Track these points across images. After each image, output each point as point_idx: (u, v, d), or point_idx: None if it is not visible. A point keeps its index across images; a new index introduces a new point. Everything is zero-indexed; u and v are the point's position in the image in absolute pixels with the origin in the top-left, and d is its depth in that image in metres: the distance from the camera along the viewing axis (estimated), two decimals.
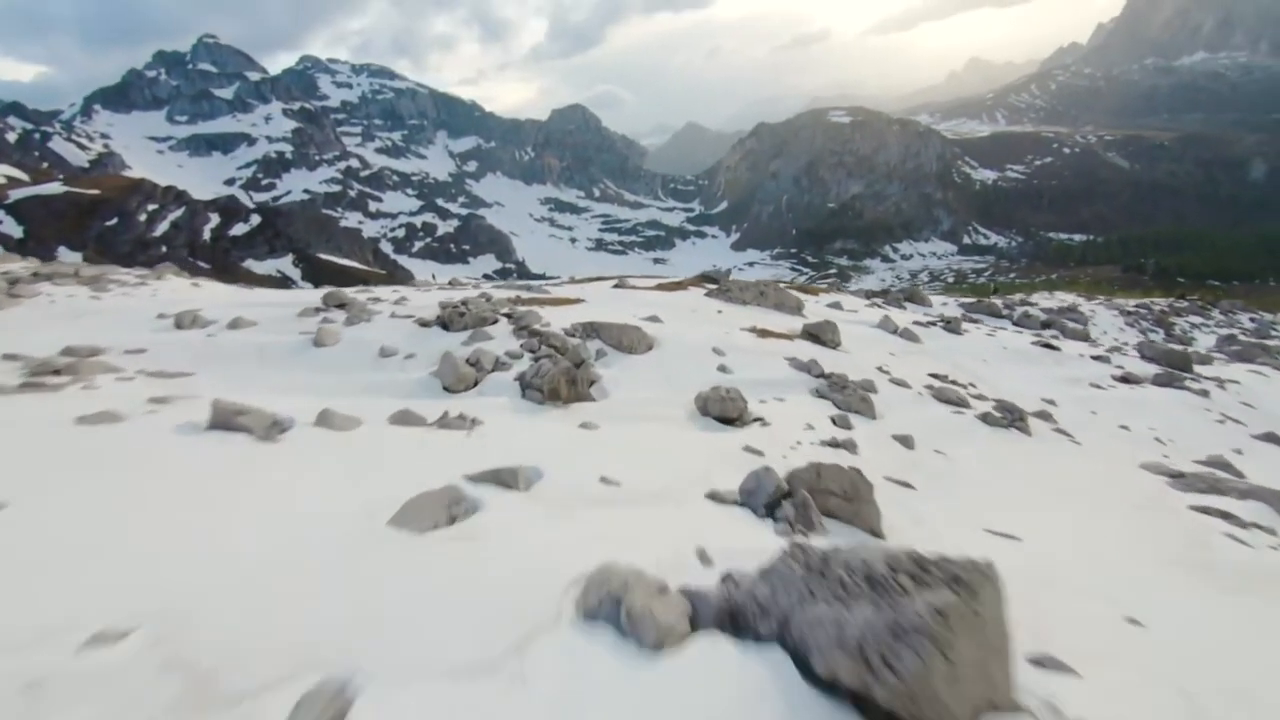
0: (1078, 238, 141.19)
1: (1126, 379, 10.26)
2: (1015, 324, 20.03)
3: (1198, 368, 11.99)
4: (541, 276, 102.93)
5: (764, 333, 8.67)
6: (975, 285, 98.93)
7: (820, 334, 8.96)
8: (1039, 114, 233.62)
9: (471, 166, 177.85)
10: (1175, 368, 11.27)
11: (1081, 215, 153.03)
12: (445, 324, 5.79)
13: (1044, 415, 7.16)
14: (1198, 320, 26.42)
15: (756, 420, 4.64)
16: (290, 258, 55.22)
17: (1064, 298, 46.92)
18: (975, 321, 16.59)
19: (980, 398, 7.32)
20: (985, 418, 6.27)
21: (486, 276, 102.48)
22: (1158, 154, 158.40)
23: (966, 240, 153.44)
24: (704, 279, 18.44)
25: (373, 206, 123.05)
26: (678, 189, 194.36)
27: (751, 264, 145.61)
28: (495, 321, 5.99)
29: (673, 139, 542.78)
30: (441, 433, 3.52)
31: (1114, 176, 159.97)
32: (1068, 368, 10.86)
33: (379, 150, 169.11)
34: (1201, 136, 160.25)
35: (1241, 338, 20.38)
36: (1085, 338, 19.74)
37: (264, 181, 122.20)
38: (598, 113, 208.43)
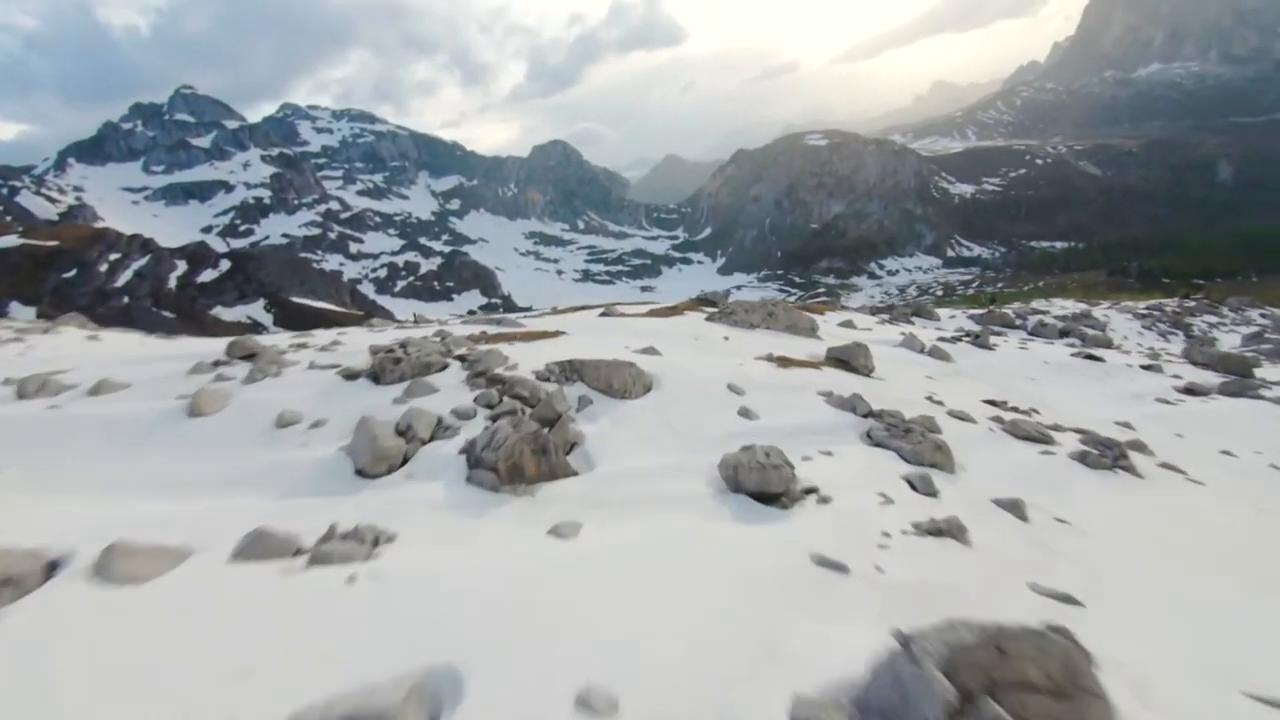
0: (1059, 245, 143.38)
1: (1192, 390, 9.00)
2: (1030, 333, 19.22)
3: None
4: (527, 310, 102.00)
5: (784, 361, 7.27)
6: (968, 296, 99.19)
7: (850, 359, 7.60)
8: (1008, 129, 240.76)
9: (454, 205, 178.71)
10: (1235, 373, 10.08)
11: (1059, 223, 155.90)
12: (376, 375, 4.37)
13: (1137, 446, 5.80)
14: (1213, 320, 25.52)
15: (809, 493, 3.24)
16: (262, 303, 53.68)
17: (1064, 304, 46.11)
18: (998, 334, 15.42)
19: (1056, 428, 5.96)
20: (1082, 457, 4.91)
21: (471, 312, 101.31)
22: (1127, 160, 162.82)
23: (950, 253, 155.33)
24: (701, 302, 17.17)
25: (354, 248, 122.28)
26: (661, 217, 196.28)
27: (739, 287, 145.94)
28: (444, 367, 4.57)
29: (653, 171, 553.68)
30: (312, 575, 2.07)
31: (1087, 184, 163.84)
32: (1121, 381, 9.60)
33: (361, 192, 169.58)
34: (1167, 142, 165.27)
35: (1271, 335, 19.40)
36: (1109, 344, 18.54)
37: (242, 228, 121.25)
38: (579, 148, 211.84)
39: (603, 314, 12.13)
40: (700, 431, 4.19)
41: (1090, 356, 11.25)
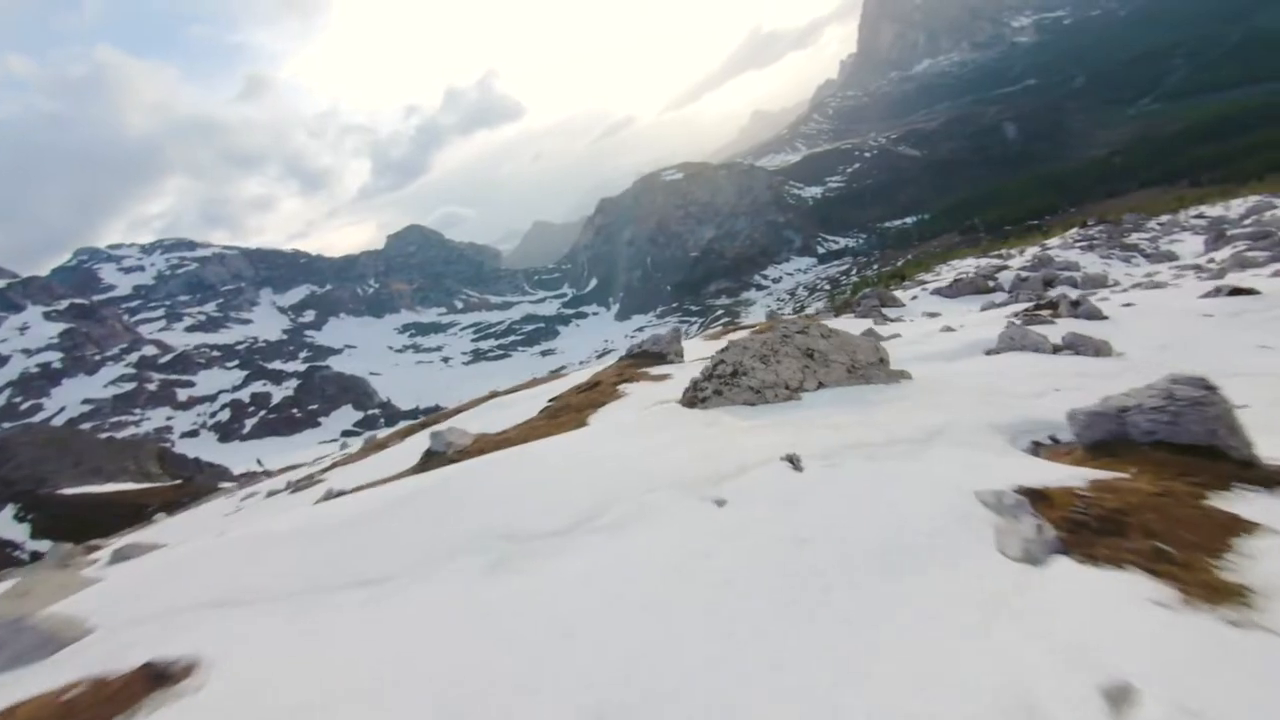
0: (909, 220, 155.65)
1: None
2: (1009, 292, 19.25)
3: None
4: (413, 413, 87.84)
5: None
6: (868, 280, 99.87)
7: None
8: (829, 135, 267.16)
9: (308, 316, 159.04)
10: None
11: (900, 201, 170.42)
12: None
13: None
14: (1142, 236, 23.24)
15: None
16: (11, 509, 37.30)
17: (969, 264, 42.46)
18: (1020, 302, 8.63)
19: None
20: None
21: (346, 433, 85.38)
22: (935, 137, 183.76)
23: (821, 250, 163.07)
24: (639, 359, 8.99)
25: (183, 394, 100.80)
26: (543, 279, 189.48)
27: (641, 329, 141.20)
28: None
29: (524, 240, 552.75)
30: None
31: (910, 164, 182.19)
32: None
33: (191, 328, 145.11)
34: (958, 118, 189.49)
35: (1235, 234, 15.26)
36: (1104, 283, 16.40)
37: (24, 405, 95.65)
38: (444, 232, 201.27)
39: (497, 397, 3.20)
40: None
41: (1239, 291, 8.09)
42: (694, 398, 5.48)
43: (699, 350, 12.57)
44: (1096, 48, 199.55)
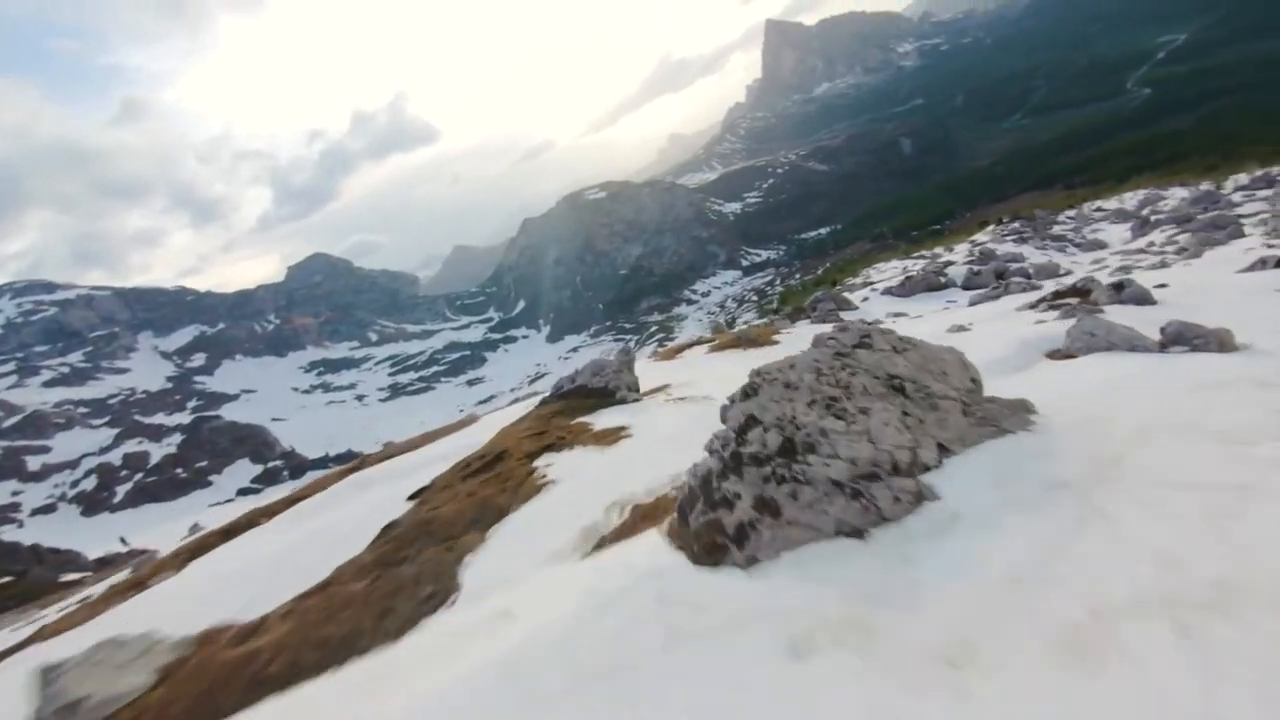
0: (823, 231, 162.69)
1: None
2: (963, 287, 19.85)
3: None
4: (322, 461, 78.60)
5: None
6: (792, 290, 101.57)
7: None
8: (742, 154, 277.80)
9: (197, 360, 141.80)
10: None
11: (813, 214, 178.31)
12: None
13: None
14: (1062, 231, 26.07)
15: None
16: None
17: (894, 265, 42.78)
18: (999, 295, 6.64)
19: None
20: None
21: (243, 491, 75.06)
22: (839, 153, 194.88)
23: (745, 263, 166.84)
24: (573, 398, 5.62)
25: (35, 463, 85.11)
26: (466, 304, 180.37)
27: (574, 350, 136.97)
28: None
29: (445, 265, 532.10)
30: None
31: (819, 179, 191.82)
32: None
33: (50, 382, 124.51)
34: (859, 135, 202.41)
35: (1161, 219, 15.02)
36: (1055, 272, 16.66)
37: None
38: (358, 261, 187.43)
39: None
40: None
41: None
42: (710, 538, 2.26)
43: (655, 376, 9.47)
44: (971, 71, 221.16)
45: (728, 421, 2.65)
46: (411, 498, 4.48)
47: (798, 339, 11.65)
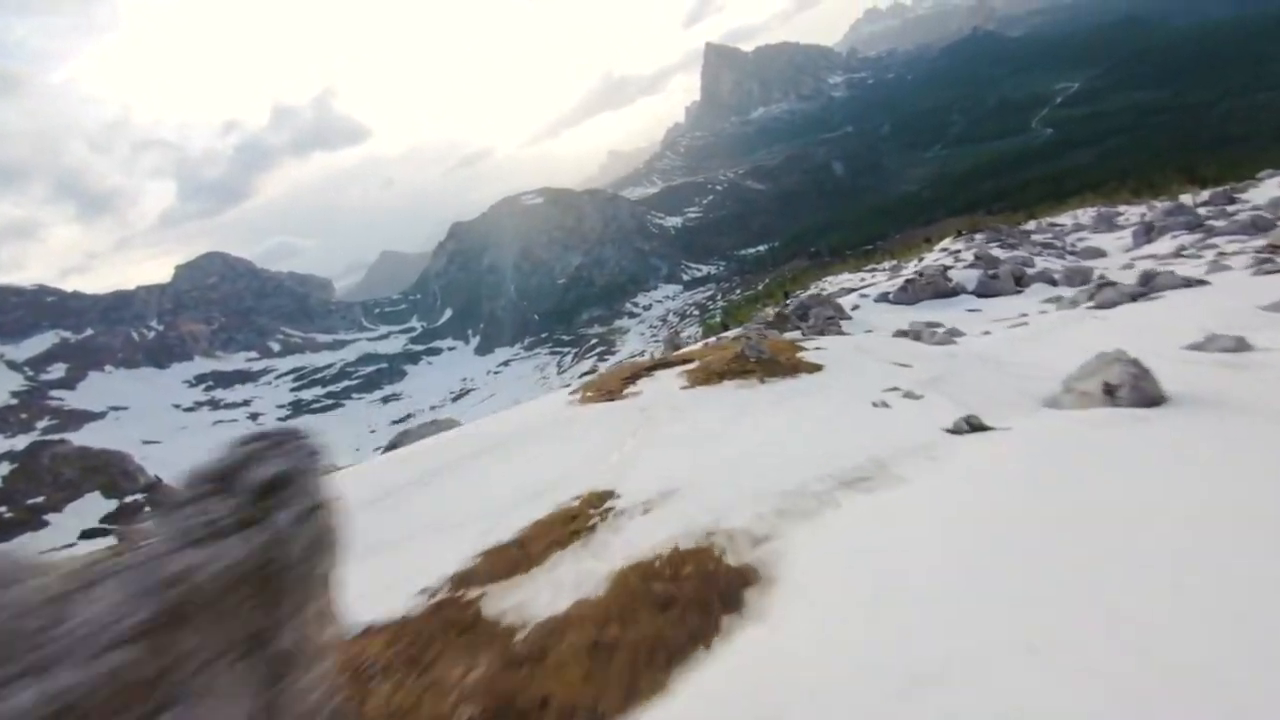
0: (762, 248, 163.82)
1: None
2: (977, 293, 17.16)
3: None
4: None
5: None
6: (735, 305, 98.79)
7: None
8: (682, 170, 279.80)
9: (55, 372, 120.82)
10: None
11: (753, 230, 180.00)
12: None
13: None
14: (1045, 240, 24.79)
15: None
16: None
17: (843, 279, 40.19)
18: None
19: None
20: None
21: (89, 534, 61.78)
22: (777, 173, 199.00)
23: (686, 277, 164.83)
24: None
25: None
26: (387, 312, 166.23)
27: (506, 363, 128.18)
28: None
29: (369, 272, 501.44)
30: None
31: (757, 197, 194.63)
32: None
33: None
34: (794, 157, 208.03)
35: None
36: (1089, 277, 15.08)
37: None
38: (273, 267, 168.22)
39: None
40: None
41: None
42: None
43: (581, 452, 3.75)
44: (895, 103, 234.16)
45: None
46: None
47: (836, 361, 6.36)
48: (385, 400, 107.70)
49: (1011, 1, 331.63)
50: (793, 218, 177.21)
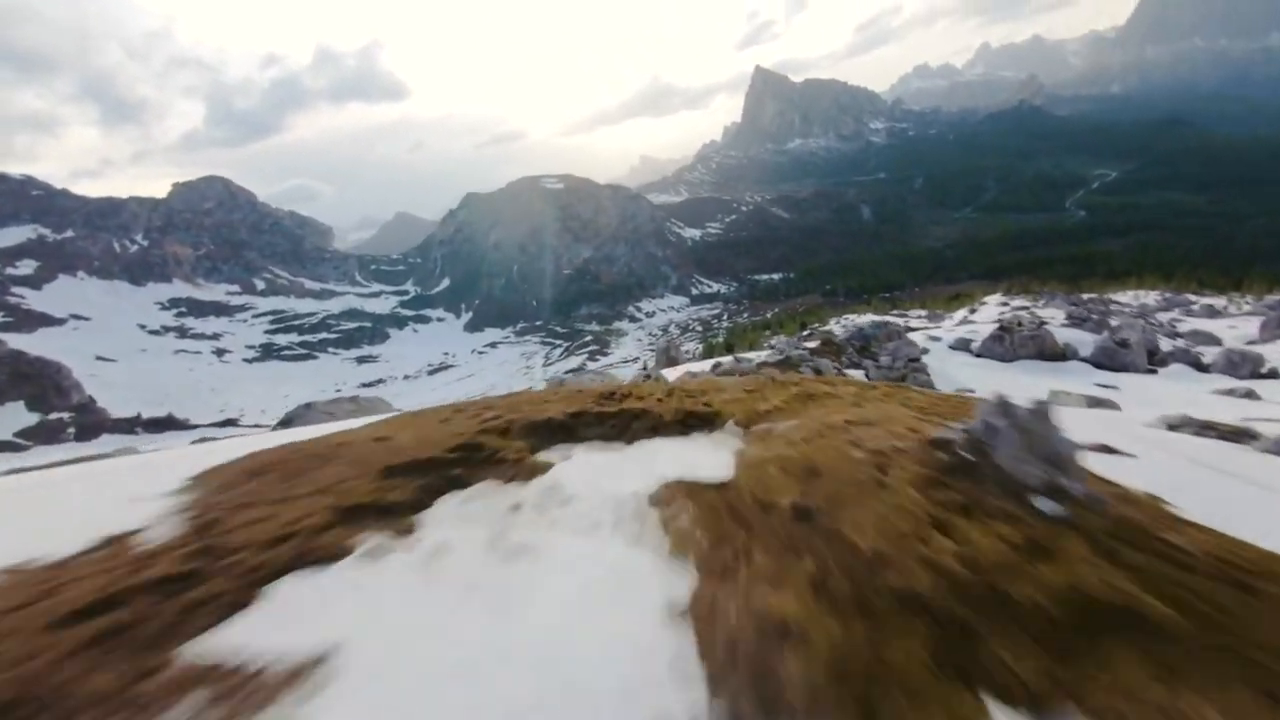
0: (776, 276, 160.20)
1: None
2: (1094, 363, 13.20)
3: None
4: (131, 423, 60.97)
5: None
6: (740, 327, 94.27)
7: None
8: (710, 186, 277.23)
9: (24, 268, 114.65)
10: None
11: (770, 257, 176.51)
12: None
13: None
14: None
15: None
16: None
17: (866, 319, 35.68)
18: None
19: None
20: None
21: (5, 446, 56.26)
22: (804, 205, 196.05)
23: (695, 291, 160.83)
24: None
25: None
26: (383, 270, 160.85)
27: (493, 344, 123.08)
28: None
29: (382, 230, 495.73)
30: None
31: (781, 225, 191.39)
32: None
33: None
34: (824, 193, 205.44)
35: None
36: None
37: None
38: (292, 208, 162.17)
39: None
40: None
41: None
42: None
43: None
44: (933, 159, 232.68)
45: None
46: None
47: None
48: (360, 360, 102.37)
49: (1061, 83, 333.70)
50: (812, 252, 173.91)
